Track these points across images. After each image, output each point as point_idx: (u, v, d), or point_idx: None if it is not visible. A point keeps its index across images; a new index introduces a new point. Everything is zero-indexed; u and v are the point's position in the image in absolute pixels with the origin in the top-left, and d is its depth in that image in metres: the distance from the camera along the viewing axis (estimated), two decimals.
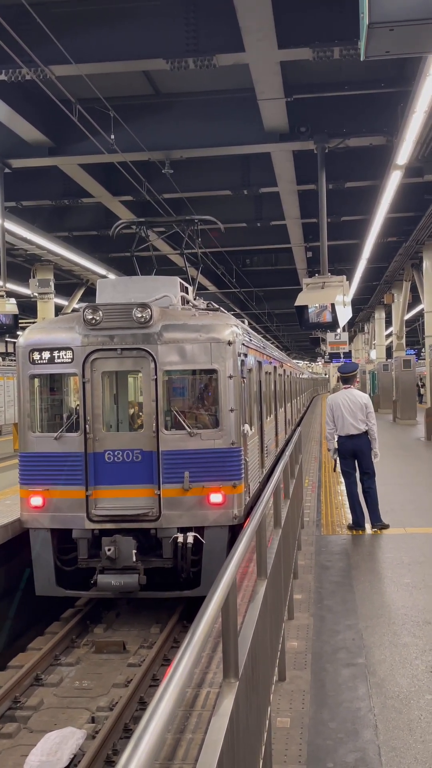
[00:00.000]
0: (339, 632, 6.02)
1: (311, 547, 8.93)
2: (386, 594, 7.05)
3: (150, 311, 8.92)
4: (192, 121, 14.41)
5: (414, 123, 11.57)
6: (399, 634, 5.89)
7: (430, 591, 7.03)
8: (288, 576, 6.04)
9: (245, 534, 3.54)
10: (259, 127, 14.01)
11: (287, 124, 13.87)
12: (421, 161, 14.80)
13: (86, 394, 9.02)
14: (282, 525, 5.48)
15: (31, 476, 9.18)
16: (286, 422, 19.63)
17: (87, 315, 8.95)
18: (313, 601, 6.88)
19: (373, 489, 9.90)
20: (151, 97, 14.22)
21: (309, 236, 22.72)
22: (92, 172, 16.44)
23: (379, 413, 31.24)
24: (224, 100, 14.19)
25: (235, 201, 20.54)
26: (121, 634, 9.30)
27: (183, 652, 2.07)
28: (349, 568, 7.99)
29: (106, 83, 12.61)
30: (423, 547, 8.73)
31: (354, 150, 15.62)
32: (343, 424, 9.86)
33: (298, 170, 16.37)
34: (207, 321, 9.26)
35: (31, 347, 9.26)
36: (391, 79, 13.06)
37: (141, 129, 14.09)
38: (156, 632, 9.26)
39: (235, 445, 9.06)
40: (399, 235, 23.26)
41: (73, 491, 8.98)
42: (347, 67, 12.46)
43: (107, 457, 8.97)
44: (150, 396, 8.99)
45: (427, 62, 9.32)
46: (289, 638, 5.80)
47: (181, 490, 8.84)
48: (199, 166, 17.30)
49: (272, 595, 4.41)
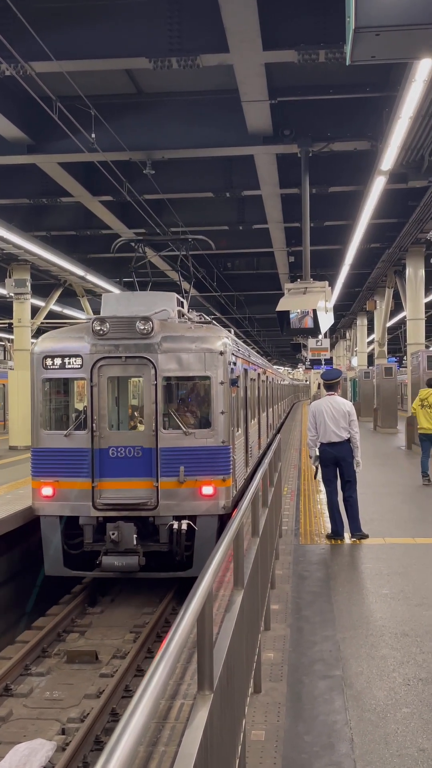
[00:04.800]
0: (316, 643, 6.03)
1: (289, 556, 8.94)
2: (364, 605, 7.07)
3: (151, 324, 10.28)
4: (174, 122, 14.42)
5: (399, 128, 11.68)
6: (377, 646, 5.91)
7: (408, 602, 7.07)
8: (265, 586, 6.04)
9: (222, 543, 3.54)
10: (243, 129, 14.05)
11: (271, 126, 13.92)
12: (405, 167, 14.90)
13: (93, 396, 10.33)
14: (260, 534, 5.48)
15: (42, 469, 10.51)
16: (268, 426, 21.17)
17: (95, 326, 10.30)
18: (290, 611, 6.88)
19: (353, 498, 9.93)
20: (134, 96, 14.22)
21: (292, 240, 22.81)
22: (72, 171, 16.40)
23: (360, 421, 31.21)
24: (207, 101, 14.22)
25: (218, 203, 20.58)
26: (93, 643, 9.27)
27: (158, 663, 2.07)
28: (327, 578, 8.01)
29: (87, 81, 12.59)
30: (402, 558, 8.78)
31: (338, 154, 15.72)
32: (325, 431, 9.89)
33: (281, 174, 16.44)
34: (201, 333, 10.66)
35: (44, 354, 10.63)
36: (376, 84, 13.16)
37: (122, 128, 14.08)
38: (129, 642, 9.23)
39: (225, 444, 10.44)
40: (382, 241, 23.42)
41: (80, 482, 10.32)
42: (333, 70, 12.55)
43: (111, 452, 10.32)
44: (150, 399, 10.34)
45: (413, 67, 9.42)
46: (265, 649, 5.80)
47: (177, 483, 10.23)
48: (181, 167, 17.32)
49: (249, 605, 4.41)
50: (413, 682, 5.21)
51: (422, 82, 9.67)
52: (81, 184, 17.07)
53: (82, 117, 12.71)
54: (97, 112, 12.79)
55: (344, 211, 19.82)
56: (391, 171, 14.12)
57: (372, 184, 15.13)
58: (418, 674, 5.34)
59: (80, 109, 12.63)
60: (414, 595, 7.30)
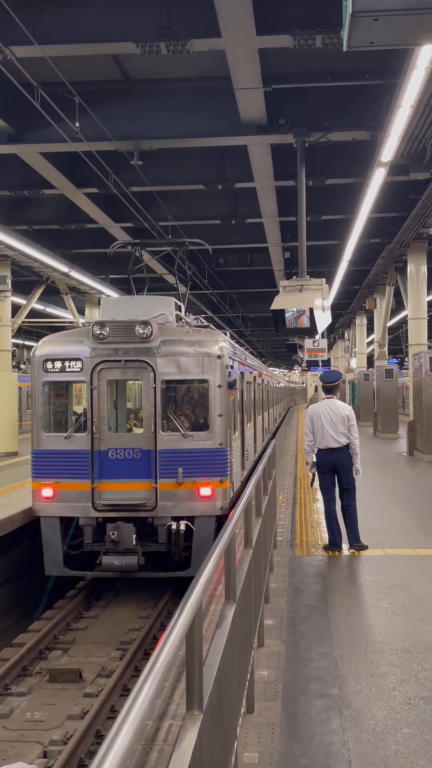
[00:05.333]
0: (312, 661, 6.04)
1: (284, 568, 8.94)
2: (363, 620, 7.08)
3: (151, 328, 11.00)
4: (163, 110, 14.43)
5: (399, 118, 11.72)
6: (376, 663, 5.92)
7: (409, 617, 7.08)
8: (258, 600, 6.04)
9: (212, 555, 3.54)
10: (236, 118, 14.08)
11: (265, 115, 13.95)
12: (406, 158, 14.96)
13: (93, 399, 11.05)
14: (253, 545, 5.49)
15: (42, 470, 11.22)
16: (263, 430, 22.07)
17: (95, 330, 11.01)
18: (285, 626, 6.88)
19: (352, 507, 9.94)
20: (120, 83, 14.22)
21: (287, 236, 22.85)
22: (55, 161, 16.39)
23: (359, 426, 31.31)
24: (198, 88, 14.24)
25: (209, 196, 20.61)
26: (77, 661, 9.26)
27: (143, 681, 2.07)
28: (324, 591, 8.02)
29: (71, 67, 12.59)
30: (403, 570, 8.79)
31: (336, 145, 15.76)
32: (323, 436, 9.89)
33: (276, 165, 16.47)
34: (199, 337, 11.39)
35: (44, 357, 11.36)
36: (376, 71, 13.21)
37: (108, 117, 14.08)
38: (116, 659, 9.22)
39: (223, 446, 11.23)
40: (382, 236, 23.49)
41: (80, 484, 11.02)
42: (330, 56, 12.56)
43: (111, 454, 11.04)
44: (149, 402, 11.09)
45: (414, 54, 9.45)
46: (258, 667, 5.80)
47: (175, 484, 10.95)
48: (171, 158, 17.33)
49: (241, 620, 4.41)
50: (414, 701, 5.22)
51: (424, 69, 9.70)
52: (64, 176, 17.07)
53: (66, 105, 12.71)
54: (82, 99, 12.78)
55: (342, 204, 19.87)
56: (392, 162, 14.17)
57: (371, 176, 15.18)
58: (420, 693, 5.35)
59: (64, 96, 12.62)
60: (416, 609, 7.31)
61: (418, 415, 20.81)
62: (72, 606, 11.03)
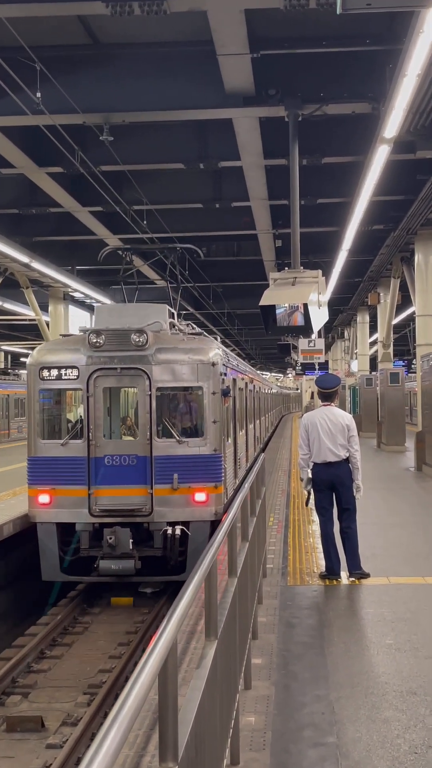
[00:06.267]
0: (306, 705, 6.04)
1: (275, 600, 8.95)
2: (364, 658, 7.09)
3: (146, 336, 12.48)
4: (137, 79, 14.44)
5: (405, 88, 11.76)
6: (378, 707, 5.94)
7: (416, 654, 7.10)
8: (245, 636, 6.04)
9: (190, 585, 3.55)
10: (219, 87, 14.12)
11: (253, 85, 13.99)
12: (413, 134, 15.04)
13: (89, 406, 12.52)
14: (238, 573, 5.49)
15: (39, 477, 12.71)
16: (255, 439, 24.15)
17: (91, 339, 12.50)
18: (275, 666, 6.89)
19: (352, 529, 9.95)
20: (88, 47, 14.23)
21: (278, 221, 22.91)
22: (12, 136, 16.38)
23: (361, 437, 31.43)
24: (177, 54, 14.26)
25: (190, 177, 20.64)
26: (39, 707, 9.23)
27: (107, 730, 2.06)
28: (320, 626, 8.03)
29: (32, 29, 12.60)
30: (409, 601, 8.82)
31: (333, 118, 15.83)
32: (320, 448, 9.89)
33: (265, 141, 16.52)
34: (194, 345, 13.03)
35: (40, 365, 12.83)
36: (378, 35, 13.28)
37: (74, 86, 14.07)
38: (83, 704, 9.20)
39: (217, 452, 12.81)
40: (386, 222, 23.59)
41: (76, 490, 12.47)
42: (326, 19, 12.59)
43: (107, 461, 12.52)
44: (145, 409, 12.60)
45: (420, 16, 9.50)
46: (244, 712, 5.80)
47: (171, 490, 12.45)
48: (146, 133, 17.35)
49: (224, 659, 4.41)
50: (421, 749, 5.24)
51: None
52: (24, 153, 17.05)
53: (26, 72, 12.71)
54: (44, 66, 12.78)
55: (341, 186, 19.95)
56: (397, 138, 14.23)
57: (374, 154, 15.24)
58: (428, 741, 5.37)
59: (23, 62, 12.62)
60: (423, 645, 7.33)
61: (428, 425, 20.90)
62: (33, 644, 10.99)
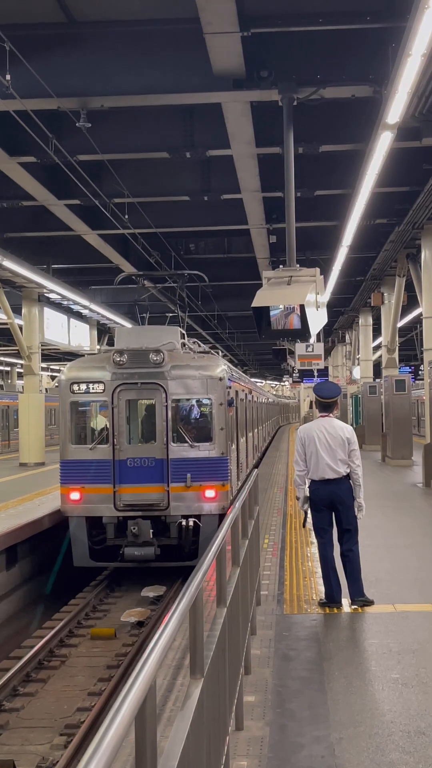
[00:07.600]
0: (304, 747, 6.02)
1: (270, 630, 8.95)
2: (368, 694, 7.07)
3: (163, 354, 15.96)
4: (117, 60, 14.44)
5: (409, 70, 11.77)
6: (383, 749, 5.91)
7: (425, 690, 7.08)
8: (236, 671, 6.01)
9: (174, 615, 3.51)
10: (207, 69, 14.10)
11: (243, 66, 13.99)
12: (418, 120, 15.04)
13: (114, 416, 16.04)
14: (228, 602, 5.45)
15: (70, 477, 16.23)
16: (254, 448, 28.15)
17: (116, 357, 16.02)
18: (270, 704, 6.87)
19: (354, 552, 9.94)
20: (63, 26, 14.23)
21: (272, 215, 22.91)
22: None
23: (364, 450, 31.54)
24: (160, 32, 14.27)
25: (175, 166, 20.62)
26: (10, 750, 9.17)
27: None
28: (319, 659, 8.01)
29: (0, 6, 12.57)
30: (417, 631, 8.80)
31: (331, 103, 15.82)
32: (318, 464, 9.87)
33: (257, 128, 16.52)
34: (204, 362, 16.68)
35: (71, 381, 16.46)
36: (379, 12, 13.31)
37: (48, 68, 14.05)
38: (59, 746, 9.15)
39: (224, 455, 16.30)
40: (390, 215, 23.62)
41: (103, 488, 15.94)
42: None
43: (129, 463, 15.97)
44: (161, 418, 16.06)
45: None
46: (236, 756, 5.77)
47: (185, 487, 15.82)
48: (126, 119, 17.34)
49: (212, 698, 4.37)
50: None
51: None
52: None
53: None
54: (14, 46, 12.76)
55: (340, 176, 19.98)
56: (400, 125, 14.23)
57: (375, 141, 15.26)
58: None
59: None
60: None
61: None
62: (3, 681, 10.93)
